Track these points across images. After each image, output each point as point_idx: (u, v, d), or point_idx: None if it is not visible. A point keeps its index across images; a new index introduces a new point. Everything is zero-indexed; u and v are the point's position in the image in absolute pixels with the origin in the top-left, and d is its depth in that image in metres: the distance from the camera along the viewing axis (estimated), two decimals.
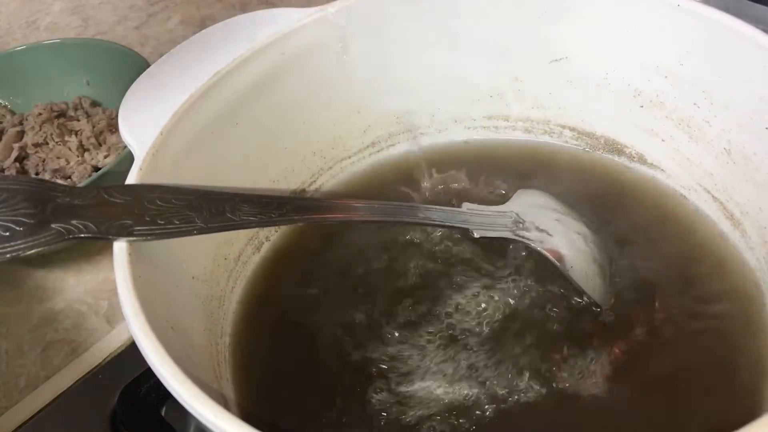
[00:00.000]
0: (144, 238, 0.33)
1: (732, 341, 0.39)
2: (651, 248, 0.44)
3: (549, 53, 0.48)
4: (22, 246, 0.30)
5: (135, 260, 0.33)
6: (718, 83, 0.42)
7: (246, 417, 0.36)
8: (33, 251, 0.30)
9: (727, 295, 0.42)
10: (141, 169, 0.36)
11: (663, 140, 0.47)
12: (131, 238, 0.33)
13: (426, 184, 0.49)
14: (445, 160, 0.51)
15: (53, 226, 0.31)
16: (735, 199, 0.44)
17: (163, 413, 0.46)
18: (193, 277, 0.40)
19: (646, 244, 0.44)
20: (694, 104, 0.44)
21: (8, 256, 0.30)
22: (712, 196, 0.45)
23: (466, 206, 0.42)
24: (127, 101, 0.41)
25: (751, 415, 0.35)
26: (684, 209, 0.46)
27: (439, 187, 0.49)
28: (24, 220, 0.31)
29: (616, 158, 0.50)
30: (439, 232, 0.45)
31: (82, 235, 0.32)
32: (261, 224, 0.37)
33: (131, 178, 0.36)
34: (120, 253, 0.33)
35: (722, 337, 0.40)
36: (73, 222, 0.32)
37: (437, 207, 0.41)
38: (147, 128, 0.38)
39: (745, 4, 0.57)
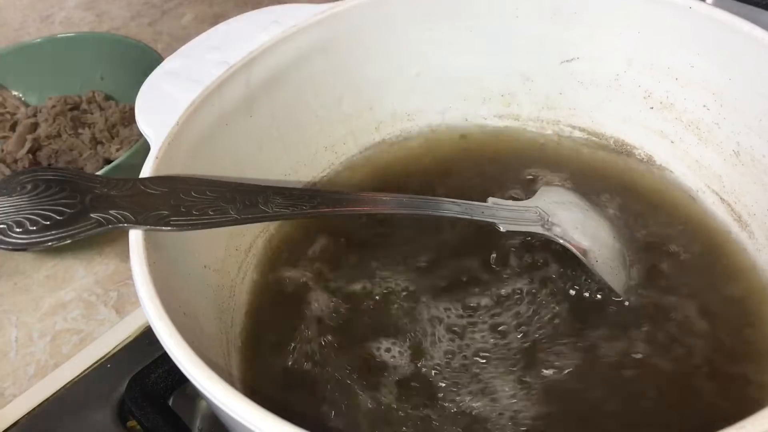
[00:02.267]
0: (180, 228, 0.34)
1: (740, 342, 0.40)
2: (659, 248, 0.44)
3: (561, 54, 0.49)
4: (62, 234, 0.31)
5: (150, 247, 0.34)
6: (728, 85, 0.43)
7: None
8: (73, 239, 0.31)
9: (735, 297, 0.42)
10: (157, 158, 0.37)
11: (672, 142, 0.48)
12: (167, 228, 0.33)
13: (438, 181, 0.50)
14: (456, 158, 0.52)
15: (92, 215, 0.32)
16: (743, 201, 0.44)
17: (170, 403, 0.47)
18: (204, 266, 0.40)
19: (654, 244, 0.45)
20: (704, 106, 0.45)
21: (49, 243, 0.31)
22: (720, 198, 0.46)
23: (492, 201, 0.43)
24: (144, 91, 0.42)
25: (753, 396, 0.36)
26: (692, 211, 0.46)
27: (452, 184, 0.49)
28: (64, 209, 0.32)
29: (626, 159, 0.50)
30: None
31: (120, 225, 0.33)
32: (293, 216, 0.37)
33: (147, 167, 0.36)
34: (136, 240, 0.33)
35: (730, 338, 0.40)
36: (111, 212, 0.33)
37: (463, 201, 0.42)
38: (163, 119, 0.39)
39: (758, 12, 0.57)
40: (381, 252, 0.46)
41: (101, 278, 0.56)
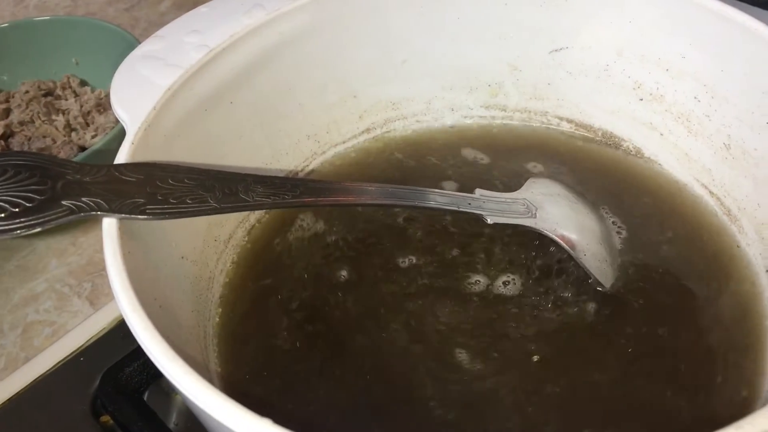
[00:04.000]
0: (156, 217, 0.32)
1: (728, 337, 0.39)
2: (647, 242, 0.44)
3: (549, 43, 0.48)
4: (32, 222, 0.30)
5: (124, 236, 0.32)
6: (720, 77, 0.42)
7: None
8: (43, 227, 0.30)
9: (724, 292, 0.41)
10: (133, 143, 0.35)
11: (662, 134, 0.47)
12: (143, 217, 0.32)
13: (423, 171, 0.49)
14: (442, 147, 0.51)
15: (64, 202, 0.31)
16: (733, 194, 0.44)
17: (145, 398, 0.45)
18: (182, 257, 0.39)
19: (643, 237, 0.44)
20: (695, 98, 0.44)
21: (18, 231, 0.29)
22: (710, 192, 0.45)
23: (479, 192, 0.42)
24: (119, 75, 0.40)
25: (744, 407, 0.35)
26: (681, 204, 0.46)
27: (437, 174, 0.48)
28: (34, 196, 0.30)
29: (614, 151, 0.49)
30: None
31: (93, 213, 0.31)
32: (274, 206, 0.36)
33: (122, 153, 0.35)
34: (110, 229, 0.32)
35: (718, 333, 0.39)
36: (84, 199, 0.31)
37: (450, 192, 0.41)
38: (139, 103, 0.38)
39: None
40: (365, 242, 0.45)
41: (75, 269, 0.55)
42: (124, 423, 0.43)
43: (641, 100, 0.47)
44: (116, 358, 0.46)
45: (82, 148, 0.59)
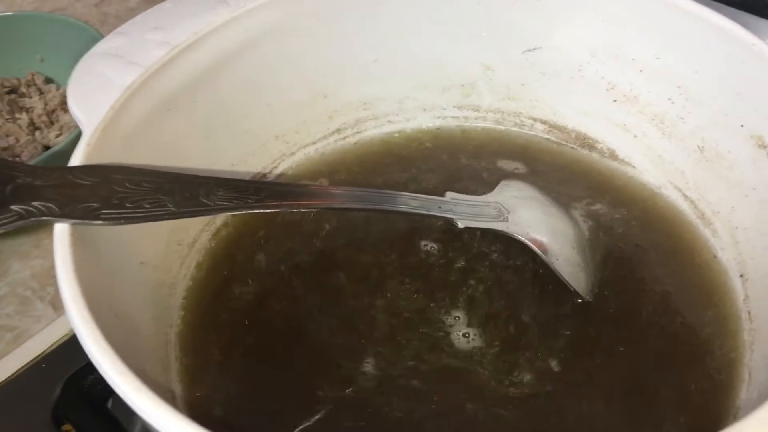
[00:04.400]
0: (111, 222, 0.31)
1: (702, 341, 0.39)
2: (621, 246, 0.43)
3: (522, 42, 0.47)
4: None
5: (77, 242, 0.31)
6: (694, 78, 0.42)
7: (193, 414, 0.35)
8: None
9: (698, 297, 0.41)
10: (89, 145, 0.34)
11: (635, 136, 0.46)
12: (97, 222, 0.31)
13: (394, 173, 0.48)
14: (414, 148, 0.50)
15: (12, 207, 0.29)
16: (707, 198, 0.43)
17: (109, 406, 0.44)
18: (141, 263, 0.38)
19: (616, 241, 0.43)
20: (669, 99, 0.43)
21: None
22: (684, 195, 0.44)
23: (450, 195, 0.41)
24: (77, 73, 0.39)
25: (719, 414, 0.35)
26: (655, 207, 0.45)
27: (410, 176, 0.47)
28: None
29: (588, 153, 0.48)
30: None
31: (44, 218, 0.30)
32: (236, 210, 0.35)
33: (77, 155, 0.33)
34: (61, 235, 0.31)
35: (692, 337, 0.39)
36: (35, 203, 0.30)
37: (420, 195, 0.40)
38: (97, 103, 0.36)
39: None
40: (334, 246, 0.44)
41: (38, 272, 0.54)
42: None
43: (615, 101, 0.46)
44: (79, 365, 0.45)
45: (47, 147, 0.58)
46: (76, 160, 0.33)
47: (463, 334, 0.38)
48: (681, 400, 0.36)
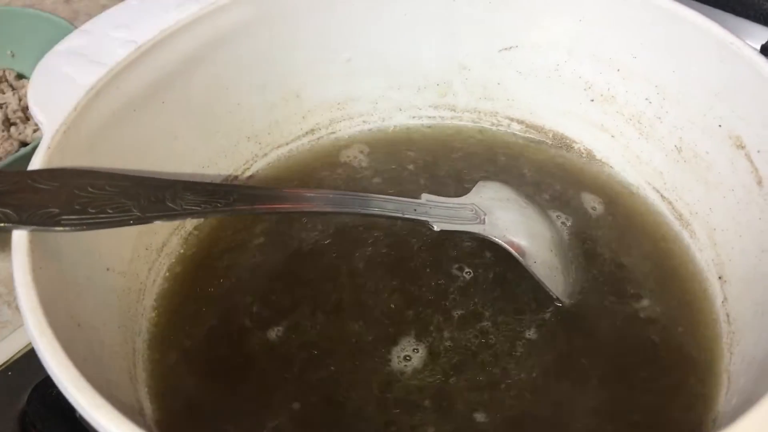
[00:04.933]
0: (72, 228, 0.30)
1: (680, 345, 0.38)
2: (599, 248, 0.43)
3: (498, 41, 0.46)
4: None
5: (37, 249, 0.30)
6: (671, 78, 0.41)
7: (161, 426, 0.34)
8: None
9: (676, 299, 0.40)
10: (49, 148, 0.33)
11: (613, 136, 0.46)
12: (58, 228, 0.30)
13: (370, 174, 0.47)
14: (390, 149, 0.49)
15: None
16: (684, 198, 0.43)
17: (78, 415, 0.43)
18: (107, 269, 0.36)
19: (593, 242, 0.43)
20: (646, 99, 0.43)
21: None
22: (662, 195, 0.44)
23: (426, 197, 0.40)
24: (38, 73, 0.37)
25: (698, 420, 0.34)
26: (632, 208, 0.45)
27: (386, 177, 0.46)
28: None
29: (565, 153, 0.48)
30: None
31: (1, 225, 0.29)
32: (204, 214, 0.34)
33: (37, 159, 0.32)
34: (19, 242, 0.29)
35: (670, 341, 0.38)
36: None
37: (395, 198, 0.39)
38: (59, 104, 0.35)
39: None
40: (308, 250, 0.43)
41: (5, 276, 0.52)
42: None
43: (592, 101, 0.45)
44: (47, 373, 0.43)
45: (24, 143, 0.57)
46: (36, 163, 0.32)
47: (430, 340, 0.38)
48: (659, 406, 0.35)
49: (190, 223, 0.43)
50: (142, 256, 0.40)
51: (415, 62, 0.48)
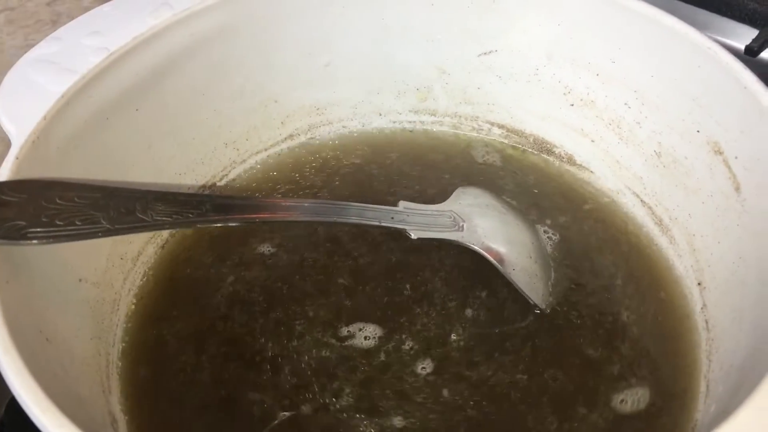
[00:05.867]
0: (39, 241, 0.29)
1: (657, 348, 0.38)
2: (579, 253, 0.42)
3: (478, 46, 0.46)
4: None
5: (3, 263, 0.29)
6: (650, 83, 0.41)
7: None
8: None
9: (654, 305, 0.40)
10: (17, 158, 0.32)
11: (593, 141, 0.45)
12: (24, 242, 0.29)
13: (349, 180, 0.46)
14: (369, 155, 0.48)
15: None
16: (664, 204, 0.42)
17: None
18: (80, 280, 0.36)
19: (573, 249, 0.43)
20: (625, 104, 0.43)
21: None
22: (641, 201, 0.44)
23: (403, 205, 0.40)
24: (7, 81, 0.37)
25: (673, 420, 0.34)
26: (612, 213, 0.45)
27: (364, 184, 0.46)
28: None
29: (545, 158, 0.47)
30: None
31: None
32: (176, 225, 0.34)
33: (4, 170, 0.32)
34: None
35: (649, 347, 0.38)
36: None
37: (372, 206, 0.39)
38: (29, 112, 0.34)
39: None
40: (286, 258, 0.42)
41: None
42: None
43: (572, 105, 0.45)
44: None
45: None
46: (3, 174, 0.31)
47: (409, 348, 0.37)
48: (638, 414, 0.35)
49: (166, 232, 0.43)
50: (117, 265, 0.39)
51: (395, 67, 0.48)
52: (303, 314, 0.39)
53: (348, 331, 0.38)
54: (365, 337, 0.38)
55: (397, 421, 0.35)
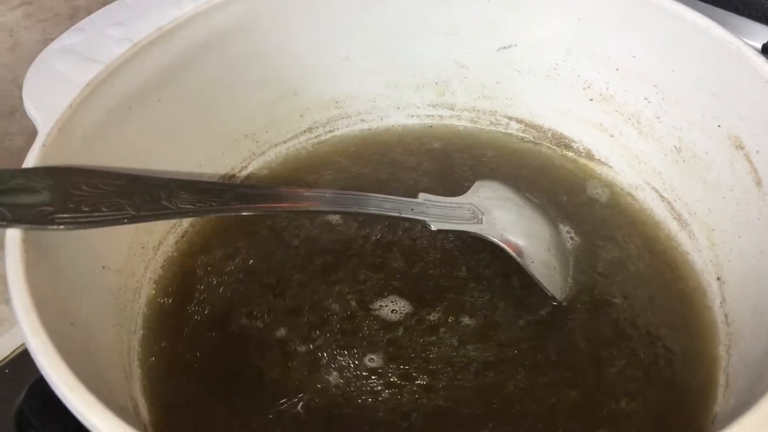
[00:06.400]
0: (66, 227, 0.30)
1: (676, 342, 0.38)
2: (597, 249, 0.42)
3: (497, 40, 0.46)
4: None
5: (31, 248, 0.29)
6: (670, 78, 0.41)
7: (154, 425, 0.34)
8: None
9: (673, 299, 0.40)
10: (44, 145, 0.33)
11: (612, 136, 0.46)
12: (51, 227, 0.29)
13: (368, 172, 0.46)
14: (388, 148, 0.48)
15: None
16: (683, 199, 0.42)
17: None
18: (103, 267, 0.36)
19: (592, 243, 0.43)
20: (645, 99, 0.43)
21: None
22: (660, 196, 0.44)
23: (423, 197, 0.40)
24: (33, 70, 0.37)
25: (696, 422, 0.34)
26: (631, 208, 0.45)
27: (384, 177, 0.46)
28: None
29: (564, 152, 0.47)
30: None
31: None
32: (199, 213, 0.34)
33: (31, 156, 0.32)
34: (12, 241, 0.29)
35: (667, 341, 0.38)
36: None
37: (392, 197, 0.39)
38: (54, 101, 0.35)
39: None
40: (307, 249, 0.42)
41: (3, 274, 0.51)
42: None
43: (591, 100, 0.45)
44: None
45: None
46: (31, 161, 0.32)
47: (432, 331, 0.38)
48: (657, 407, 0.35)
49: (186, 222, 0.43)
50: (138, 254, 0.40)
51: (414, 61, 0.48)
52: (319, 303, 0.39)
53: (379, 305, 0.39)
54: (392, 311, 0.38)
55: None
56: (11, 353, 0.46)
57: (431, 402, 0.35)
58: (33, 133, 0.34)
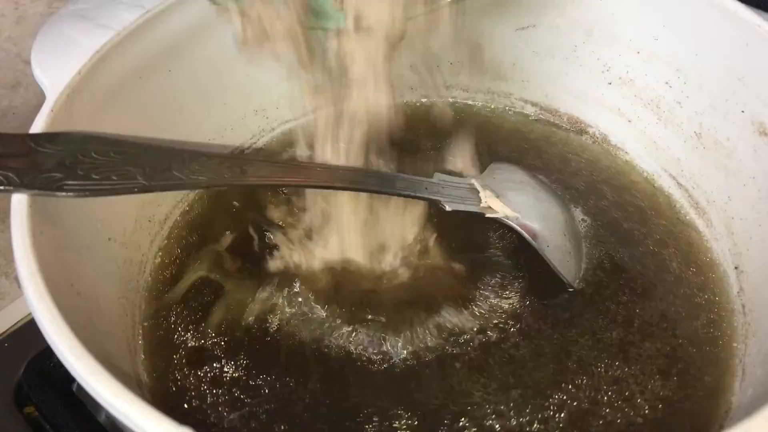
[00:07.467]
0: (75, 194, 0.29)
1: (692, 330, 0.37)
2: (611, 236, 0.41)
3: (515, 21, 0.45)
4: None
5: (38, 215, 0.29)
6: (694, 61, 0.40)
7: (157, 398, 0.33)
8: None
9: (690, 288, 0.39)
10: (53, 111, 0.32)
11: (629, 121, 0.45)
12: (60, 194, 0.29)
13: (380, 152, 0.46)
14: (401, 127, 0.47)
15: None
16: (702, 186, 0.42)
17: (74, 388, 0.42)
18: (109, 239, 0.35)
19: (607, 230, 0.42)
20: (666, 83, 0.42)
21: None
22: (678, 183, 0.43)
23: (438, 176, 0.39)
24: (43, 35, 0.36)
25: (711, 411, 0.33)
26: (647, 195, 0.44)
27: (397, 155, 0.45)
28: None
29: (579, 137, 0.47)
30: None
31: (1, 188, 0.28)
32: (211, 184, 0.33)
33: (39, 122, 0.31)
34: (19, 206, 0.28)
35: (683, 330, 0.37)
36: None
37: (406, 176, 0.38)
38: (63, 67, 0.34)
39: None
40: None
41: (3, 247, 0.51)
42: (49, 415, 0.40)
43: (610, 84, 0.44)
44: (44, 345, 0.41)
45: None
46: (39, 126, 0.31)
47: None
48: (671, 395, 0.34)
49: (193, 195, 0.42)
50: (145, 227, 0.39)
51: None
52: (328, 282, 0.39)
53: None
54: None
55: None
56: (11, 327, 0.46)
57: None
58: (37, 106, 0.33)
